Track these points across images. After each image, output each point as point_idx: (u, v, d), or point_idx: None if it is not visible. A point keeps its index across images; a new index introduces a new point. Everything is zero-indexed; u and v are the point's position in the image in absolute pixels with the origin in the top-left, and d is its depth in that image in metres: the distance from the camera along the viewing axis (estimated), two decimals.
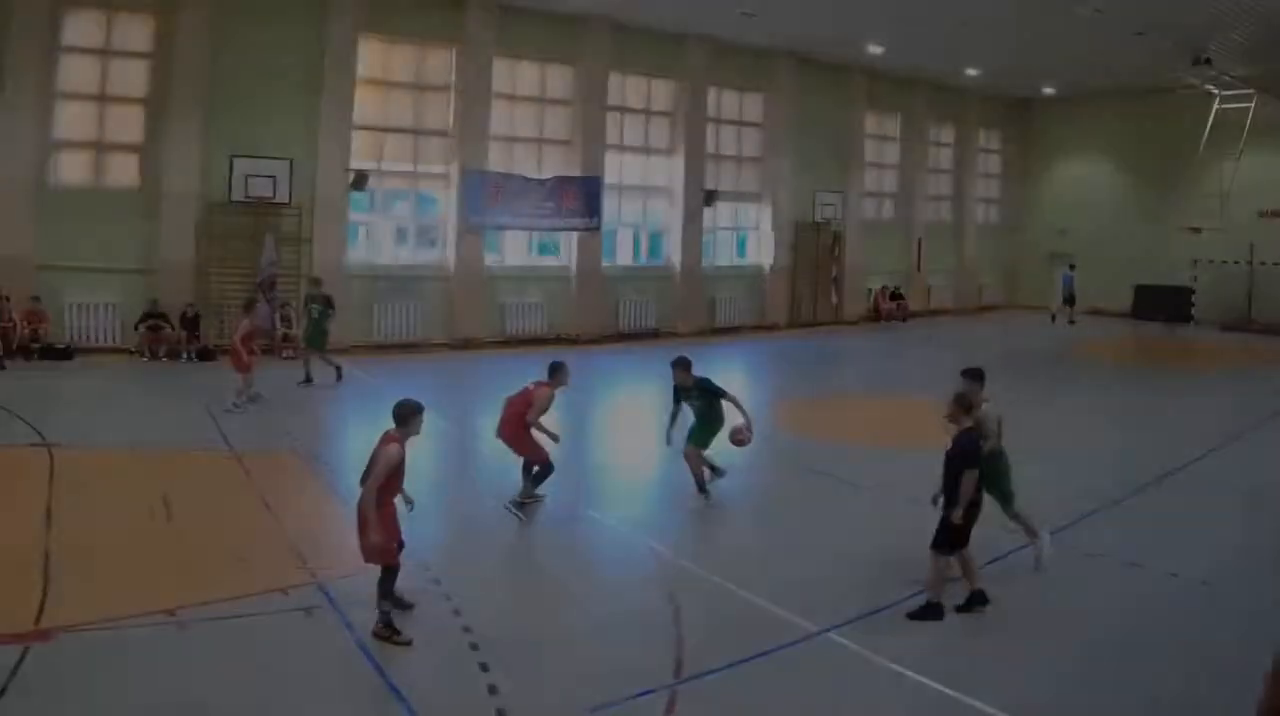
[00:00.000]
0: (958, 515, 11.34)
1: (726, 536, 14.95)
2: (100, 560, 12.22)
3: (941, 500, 11.65)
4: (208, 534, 13.52)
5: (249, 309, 22.83)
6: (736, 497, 16.86)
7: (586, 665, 10.20)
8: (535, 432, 15.32)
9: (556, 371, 15.71)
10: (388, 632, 10.50)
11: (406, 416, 10.96)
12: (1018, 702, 9.41)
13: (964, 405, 11.96)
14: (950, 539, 11.44)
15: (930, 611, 11.40)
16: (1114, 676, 10.17)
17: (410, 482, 9.59)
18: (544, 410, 15.24)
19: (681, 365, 16.34)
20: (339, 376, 25.51)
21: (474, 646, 10.40)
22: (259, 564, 12.36)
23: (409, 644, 10.44)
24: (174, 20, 28.92)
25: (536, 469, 15.38)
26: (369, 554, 10.67)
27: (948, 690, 9.59)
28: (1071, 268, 46.05)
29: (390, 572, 10.71)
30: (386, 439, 10.80)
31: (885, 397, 27.11)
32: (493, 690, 9.43)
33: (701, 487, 16.13)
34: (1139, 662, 10.49)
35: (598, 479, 17.84)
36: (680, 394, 16.32)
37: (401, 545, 10.87)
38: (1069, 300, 45.31)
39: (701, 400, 16.21)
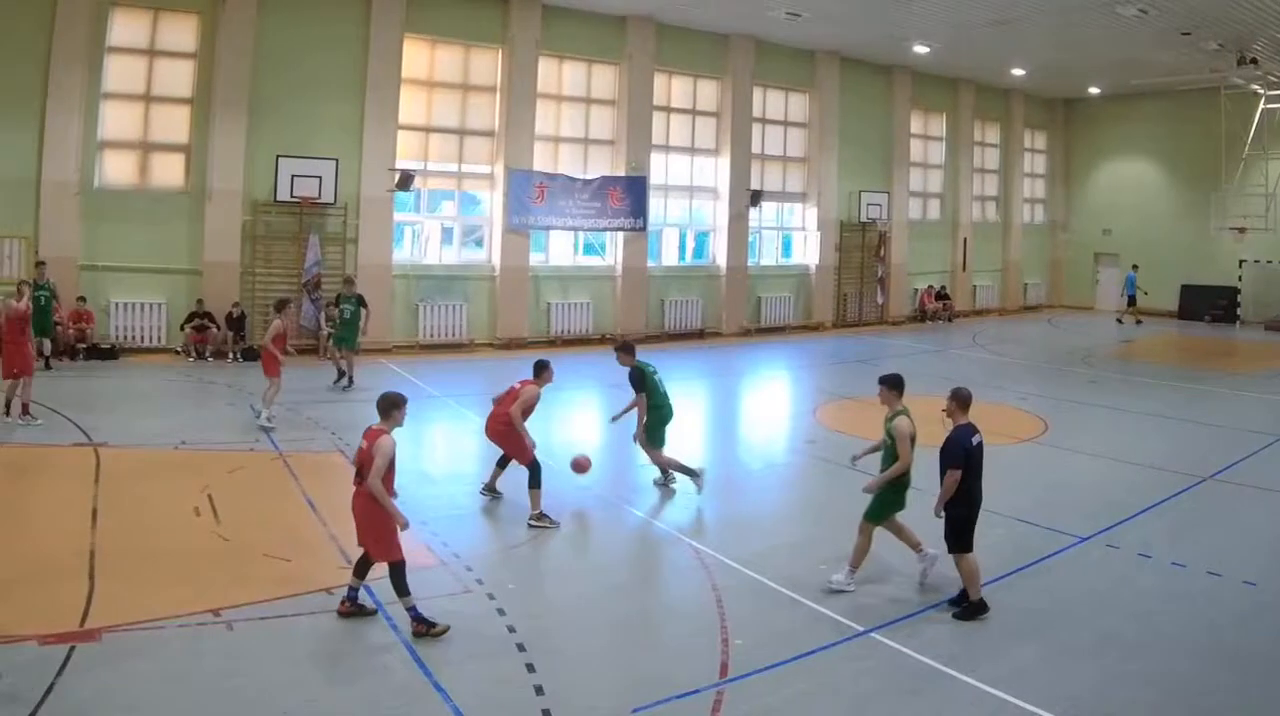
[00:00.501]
0: (938, 510, 11.45)
1: (771, 536, 14.38)
2: (145, 560, 11.94)
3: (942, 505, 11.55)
4: (252, 533, 13.23)
5: (281, 309, 21.58)
6: (781, 497, 16.60)
7: (631, 665, 10.14)
8: (522, 430, 14.99)
9: (542, 370, 15.51)
10: (424, 627, 10.35)
11: (389, 409, 10.93)
12: (1062, 702, 9.23)
13: (960, 401, 11.76)
14: (958, 536, 11.36)
15: (975, 609, 11.28)
16: (1157, 675, 10.01)
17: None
18: (530, 407, 15.05)
19: (624, 349, 16.88)
20: (349, 381, 24.53)
21: (520, 647, 10.16)
22: (303, 563, 12.10)
23: (447, 630, 10.37)
24: (218, 20, 28.26)
25: (529, 473, 14.73)
26: (378, 550, 10.61)
27: (993, 690, 9.42)
28: (1135, 268, 44.66)
29: (401, 567, 10.56)
30: (374, 433, 10.69)
31: (931, 398, 25.06)
32: (539, 690, 9.24)
33: (683, 471, 16.21)
34: (1183, 662, 10.31)
35: (641, 479, 17.09)
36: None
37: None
38: (1131, 301, 44.21)
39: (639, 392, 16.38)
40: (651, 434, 16.26)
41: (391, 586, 10.56)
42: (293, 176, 28.81)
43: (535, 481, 14.66)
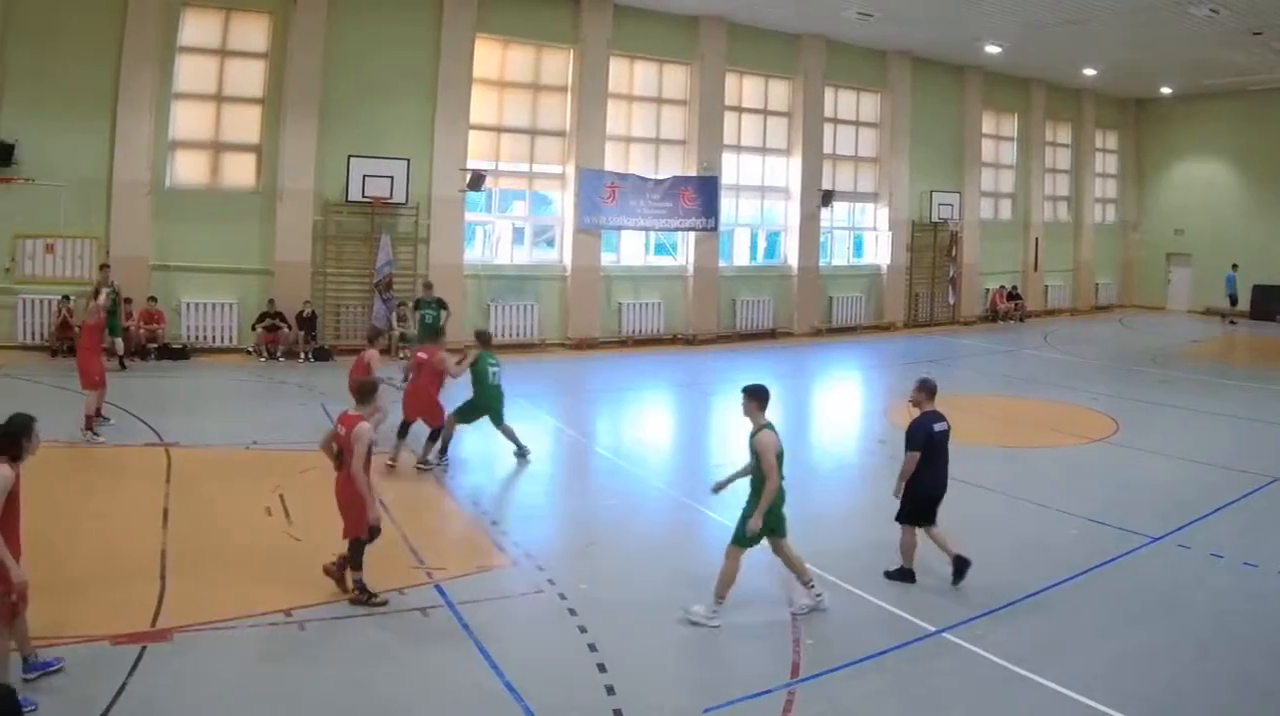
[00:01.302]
0: (897, 488, 11.76)
1: (842, 536, 13.79)
2: (216, 560, 11.60)
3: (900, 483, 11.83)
4: (324, 534, 12.36)
5: (373, 340, 18.73)
6: (852, 496, 16.35)
7: (703, 665, 9.90)
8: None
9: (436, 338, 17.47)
10: (366, 596, 10.51)
11: (368, 395, 11.01)
12: (1135, 702, 8.93)
13: (928, 391, 11.92)
14: (911, 510, 11.71)
15: (903, 575, 11.76)
16: (1230, 675, 9.70)
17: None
18: (443, 372, 16.40)
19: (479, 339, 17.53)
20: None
21: (591, 647, 9.84)
22: (375, 564, 11.31)
23: (386, 603, 10.54)
24: (290, 20, 27.13)
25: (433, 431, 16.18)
26: (357, 527, 10.57)
27: (1065, 690, 9.08)
28: (1234, 267, 42.66)
29: (363, 544, 10.63)
30: (352, 419, 10.67)
31: (1003, 397, 25.48)
32: (610, 690, 8.95)
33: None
34: (1256, 662, 10.00)
35: (710, 478, 15.45)
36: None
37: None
38: (1233, 300, 42.50)
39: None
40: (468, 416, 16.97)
41: (349, 556, 10.62)
42: (364, 176, 27.61)
43: (435, 436, 16.24)
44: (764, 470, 10.44)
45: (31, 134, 24.37)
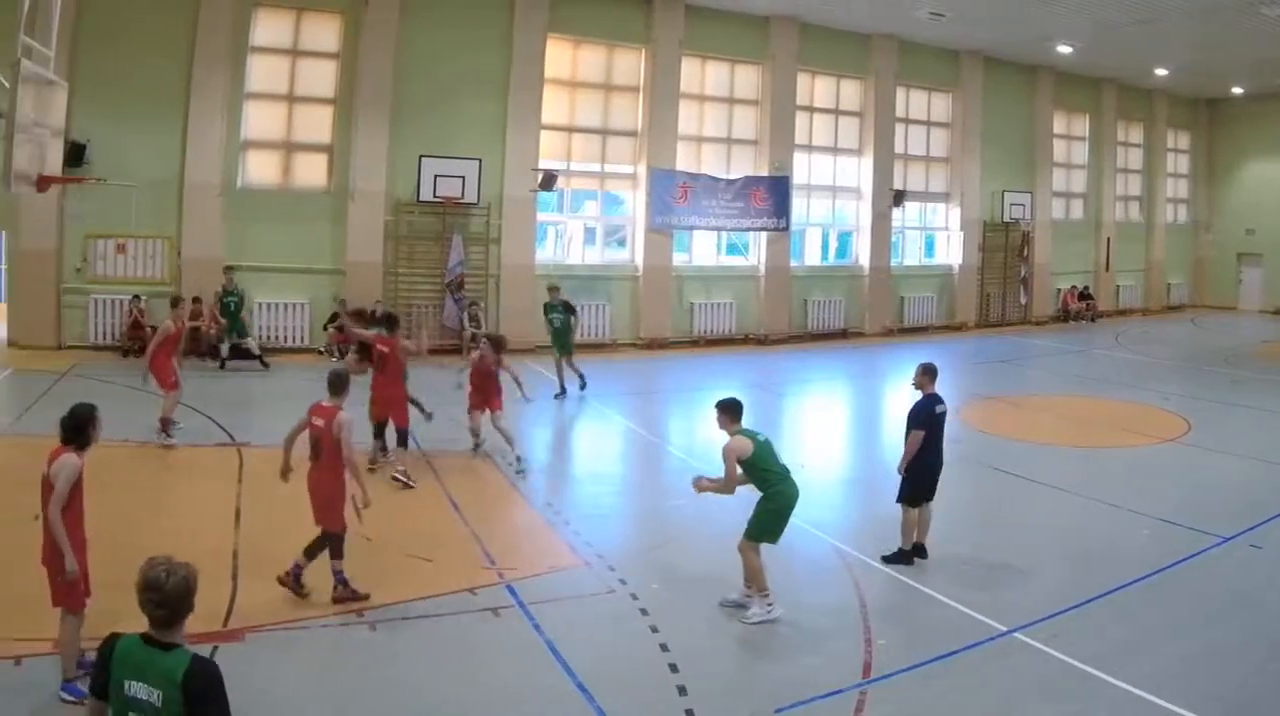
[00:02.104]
0: (901, 467, 11.85)
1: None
2: (288, 559, 10.64)
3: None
4: (395, 533, 12.32)
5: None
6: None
7: (775, 665, 9.46)
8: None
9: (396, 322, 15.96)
10: (349, 593, 10.15)
11: (343, 387, 10.63)
12: (1207, 701, 8.57)
13: (930, 374, 12.13)
14: (911, 491, 11.79)
15: (899, 557, 11.77)
16: None
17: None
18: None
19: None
20: (576, 388, 22.15)
21: (663, 647, 9.48)
22: (446, 564, 11.41)
23: (368, 597, 10.16)
24: (361, 21, 25.77)
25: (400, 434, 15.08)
26: (331, 520, 10.27)
27: (1137, 690, 8.72)
28: None
29: (342, 536, 10.31)
30: (331, 410, 10.30)
31: (1075, 397, 24.31)
32: (682, 691, 8.63)
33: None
34: None
35: None
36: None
37: None
38: None
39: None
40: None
41: (329, 550, 10.22)
42: (435, 176, 26.11)
43: (403, 441, 15.06)
44: (725, 473, 10.28)
45: (103, 134, 23.21)
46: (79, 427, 8.19)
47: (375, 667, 8.94)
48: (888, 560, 11.74)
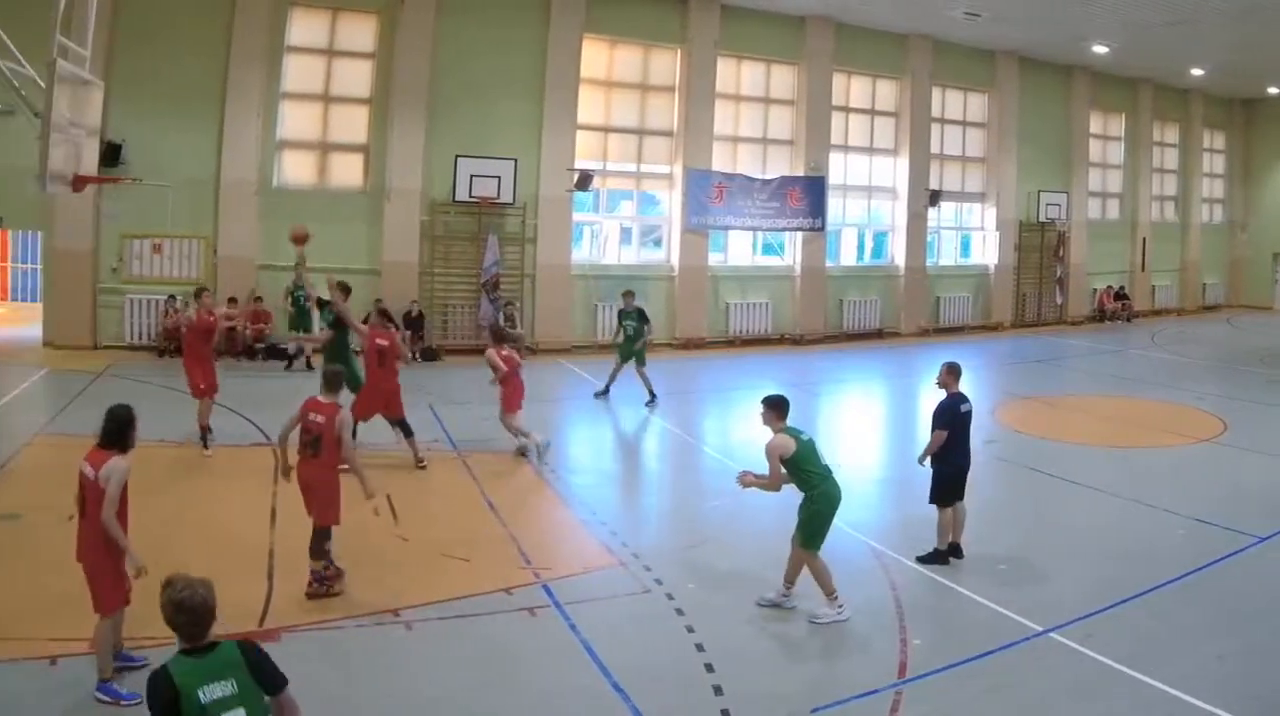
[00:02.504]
0: (921, 459, 11.61)
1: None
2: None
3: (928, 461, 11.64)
4: (431, 534, 12.10)
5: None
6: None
7: (810, 664, 9.31)
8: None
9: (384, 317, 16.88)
10: (323, 589, 9.96)
11: (338, 383, 10.53)
12: (1244, 701, 8.27)
13: (955, 373, 11.81)
14: (940, 491, 11.45)
15: (934, 557, 11.42)
16: None
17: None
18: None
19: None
20: (651, 398, 20.68)
21: (699, 647, 9.23)
22: (483, 564, 11.15)
23: (341, 594, 9.99)
24: (397, 20, 24.99)
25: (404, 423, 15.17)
26: (327, 516, 10.10)
27: (1173, 690, 8.43)
28: None
29: (329, 530, 10.15)
30: (330, 407, 10.17)
31: (1111, 397, 23.57)
32: (718, 690, 8.39)
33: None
34: None
35: None
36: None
37: None
38: None
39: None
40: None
41: (311, 544, 10.03)
42: (471, 176, 25.29)
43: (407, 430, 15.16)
44: (769, 471, 9.98)
45: (139, 134, 22.53)
46: (121, 430, 8.05)
47: (411, 667, 8.72)
48: (923, 560, 11.42)
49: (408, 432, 15.17)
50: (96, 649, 7.99)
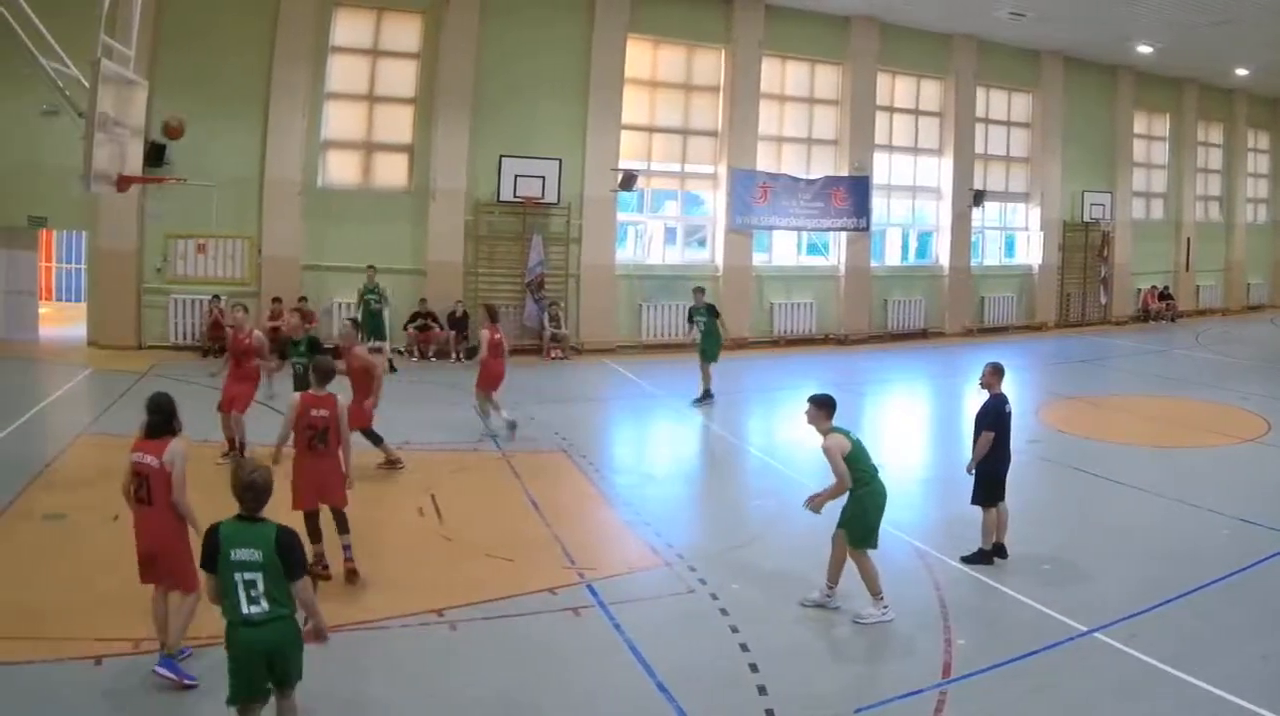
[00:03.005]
0: (970, 466, 11.10)
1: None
2: (368, 559, 10.33)
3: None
4: (475, 533, 11.71)
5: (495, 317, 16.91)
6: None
7: (854, 664, 8.97)
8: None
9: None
10: (322, 568, 9.93)
11: (331, 375, 10.43)
12: None
13: (999, 374, 11.31)
14: (985, 491, 11.04)
15: (979, 557, 10.98)
16: None
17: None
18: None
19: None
20: (708, 396, 19.83)
21: (743, 647, 8.82)
22: (527, 564, 10.78)
23: (329, 579, 9.85)
24: (442, 20, 24.05)
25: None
26: (339, 498, 10.09)
27: (1217, 690, 8.03)
28: None
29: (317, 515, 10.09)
30: (331, 399, 10.08)
31: (1155, 397, 22.71)
32: (762, 690, 8.02)
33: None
34: None
35: None
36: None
37: None
38: None
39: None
40: None
41: (340, 522, 10.04)
42: (516, 176, 24.34)
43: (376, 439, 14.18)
44: (834, 472, 9.52)
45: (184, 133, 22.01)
46: (168, 418, 8.02)
47: (455, 667, 8.46)
48: (967, 560, 10.99)
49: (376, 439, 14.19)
50: (177, 621, 7.85)
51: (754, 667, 8.43)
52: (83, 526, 10.95)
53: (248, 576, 6.22)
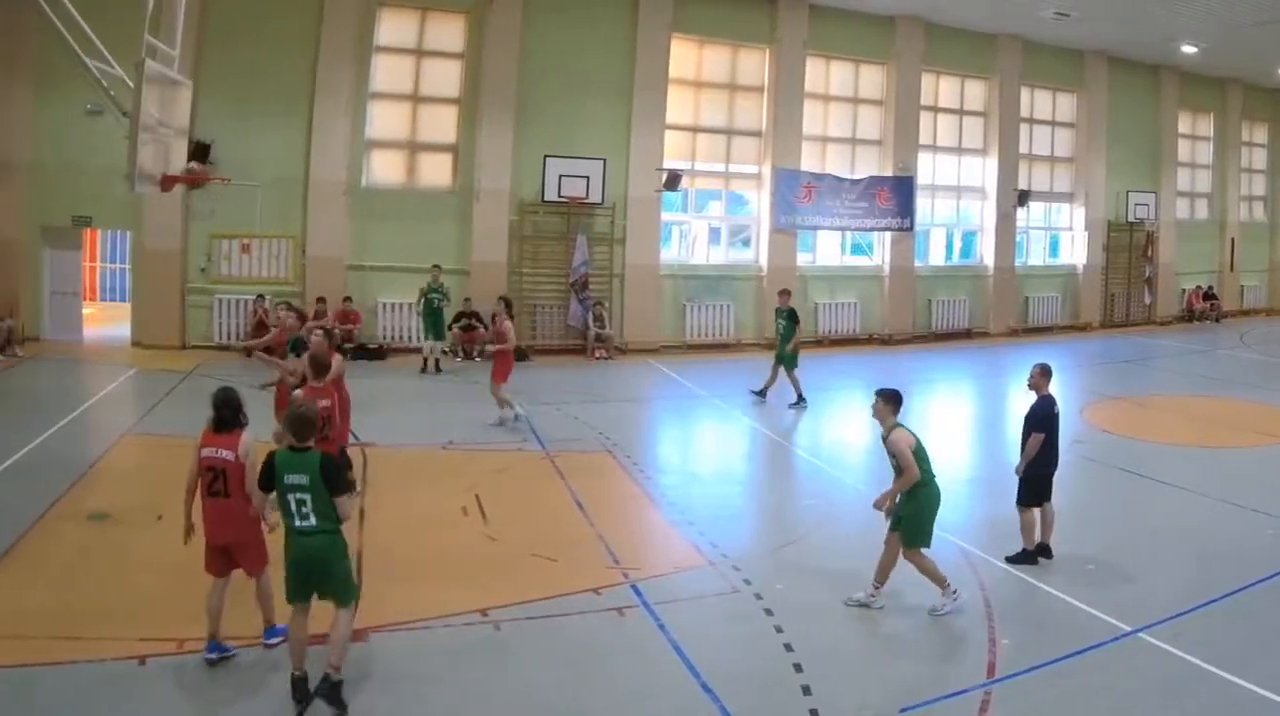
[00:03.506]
0: (1020, 467, 10.68)
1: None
2: (412, 560, 10.24)
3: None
4: (519, 533, 11.29)
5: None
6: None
7: (898, 665, 8.41)
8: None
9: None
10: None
11: (324, 370, 10.17)
12: None
13: (1047, 375, 10.89)
14: (1030, 493, 10.62)
15: (1023, 557, 10.55)
16: None
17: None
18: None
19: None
20: (799, 400, 19.18)
21: (787, 647, 8.50)
22: (571, 564, 10.37)
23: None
24: (486, 20, 23.06)
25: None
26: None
27: (1263, 691, 7.66)
28: None
29: None
30: (330, 390, 10.12)
31: (1200, 397, 21.83)
32: (806, 690, 7.70)
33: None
34: None
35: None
36: None
37: None
38: None
39: None
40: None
41: None
42: (560, 176, 23.39)
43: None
44: (903, 465, 9.10)
45: (228, 133, 20.78)
46: (237, 412, 8.02)
47: (499, 667, 8.13)
48: (1012, 561, 10.58)
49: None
50: (264, 600, 8.11)
51: (798, 668, 8.14)
52: (127, 526, 10.67)
53: (298, 496, 7.13)
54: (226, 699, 7.33)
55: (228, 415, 7.95)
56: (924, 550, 9.30)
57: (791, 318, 19.34)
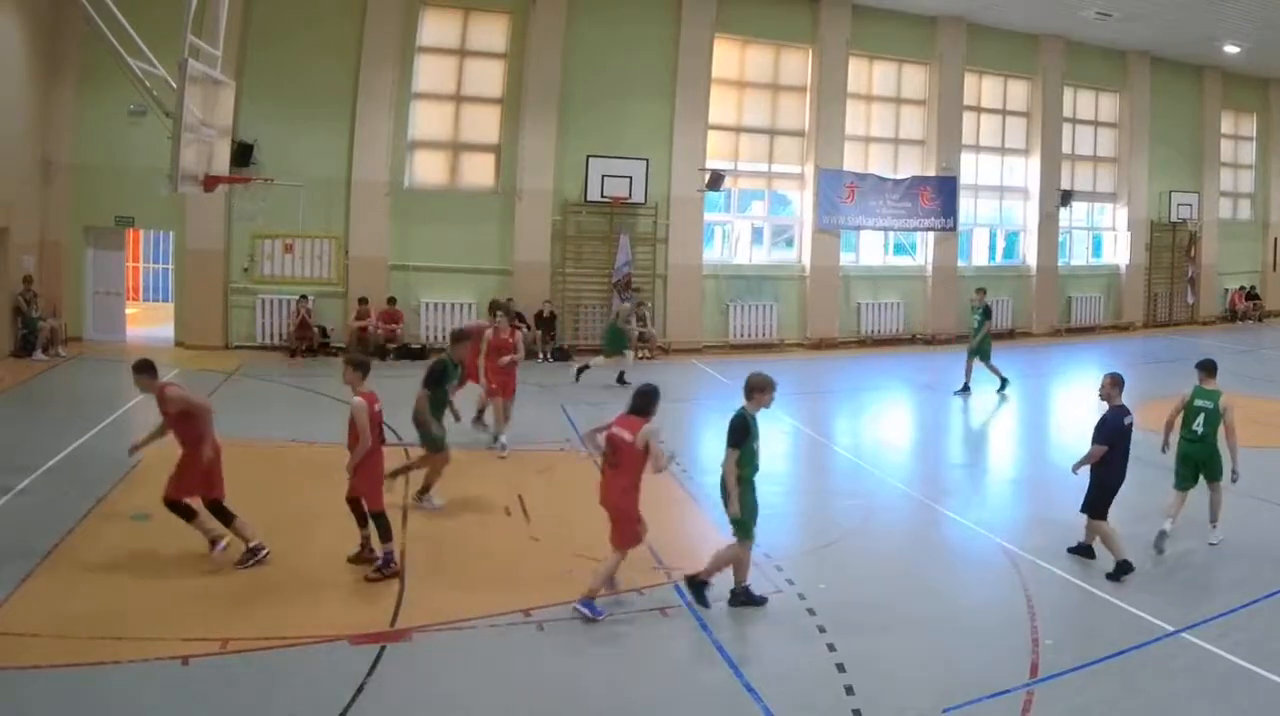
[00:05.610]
0: (1077, 466, 10.10)
1: (1077, 535, 10.61)
2: (455, 560, 9.87)
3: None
4: (563, 533, 10.77)
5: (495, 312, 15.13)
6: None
7: (941, 665, 7.88)
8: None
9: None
10: (387, 571, 9.15)
11: (366, 369, 9.70)
12: None
13: (1119, 385, 10.05)
14: (1097, 503, 9.88)
15: (1122, 568, 9.64)
16: None
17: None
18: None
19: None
20: (1002, 384, 19.68)
21: (830, 647, 8.06)
22: None
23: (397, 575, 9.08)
24: (529, 20, 21.78)
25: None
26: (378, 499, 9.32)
27: None
28: None
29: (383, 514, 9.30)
30: (367, 394, 9.51)
31: (1243, 397, 20.08)
32: (849, 690, 7.34)
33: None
34: None
35: (951, 479, 14.36)
36: None
37: None
38: None
39: None
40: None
41: (380, 531, 9.28)
42: (603, 176, 22.07)
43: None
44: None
45: (271, 134, 19.80)
46: (649, 402, 8.61)
47: (542, 667, 7.84)
48: (1112, 576, 9.74)
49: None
50: (603, 568, 8.51)
51: (841, 667, 7.83)
52: (167, 526, 10.04)
53: None
54: (267, 698, 7.01)
55: (641, 404, 8.56)
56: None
57: (984, 313, 19.60)
